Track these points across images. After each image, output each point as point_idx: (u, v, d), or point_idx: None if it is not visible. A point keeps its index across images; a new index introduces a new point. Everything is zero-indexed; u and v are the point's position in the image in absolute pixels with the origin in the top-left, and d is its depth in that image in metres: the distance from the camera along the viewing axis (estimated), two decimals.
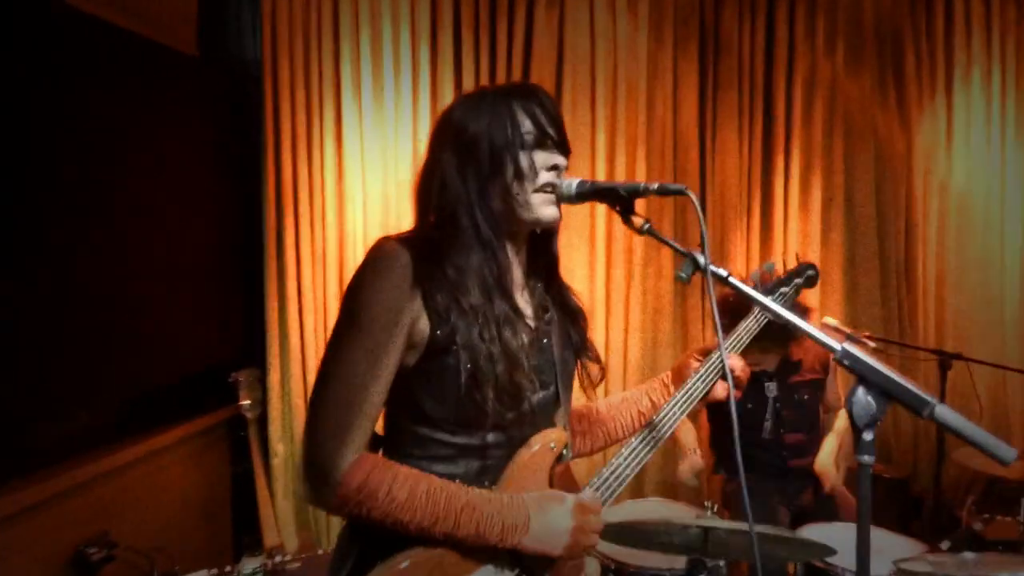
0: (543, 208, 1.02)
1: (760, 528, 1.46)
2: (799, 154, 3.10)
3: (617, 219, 1.04)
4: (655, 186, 0.97)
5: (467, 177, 1.01)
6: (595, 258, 2.98)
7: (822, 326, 2.42)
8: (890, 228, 3.22)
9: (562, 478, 1.11)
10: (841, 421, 2.46)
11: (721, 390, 1.21)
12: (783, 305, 1.34)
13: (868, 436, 0.81)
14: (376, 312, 0.96)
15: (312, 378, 2.70)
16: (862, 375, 0.82)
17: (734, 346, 1.29)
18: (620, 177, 2.97)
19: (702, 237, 0.94)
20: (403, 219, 2.81)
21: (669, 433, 1.16)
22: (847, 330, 2.41)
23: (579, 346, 1.17)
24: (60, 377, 1.91)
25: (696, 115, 3.04)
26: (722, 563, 1.69)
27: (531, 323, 1.08)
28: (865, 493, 0.85)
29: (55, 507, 1.84)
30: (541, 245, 1.13)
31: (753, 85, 3.07)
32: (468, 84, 2.86)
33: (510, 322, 1.02)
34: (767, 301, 0.94)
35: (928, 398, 0.79)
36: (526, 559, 1.02)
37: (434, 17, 2.84)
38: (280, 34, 2.72)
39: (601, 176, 2.95)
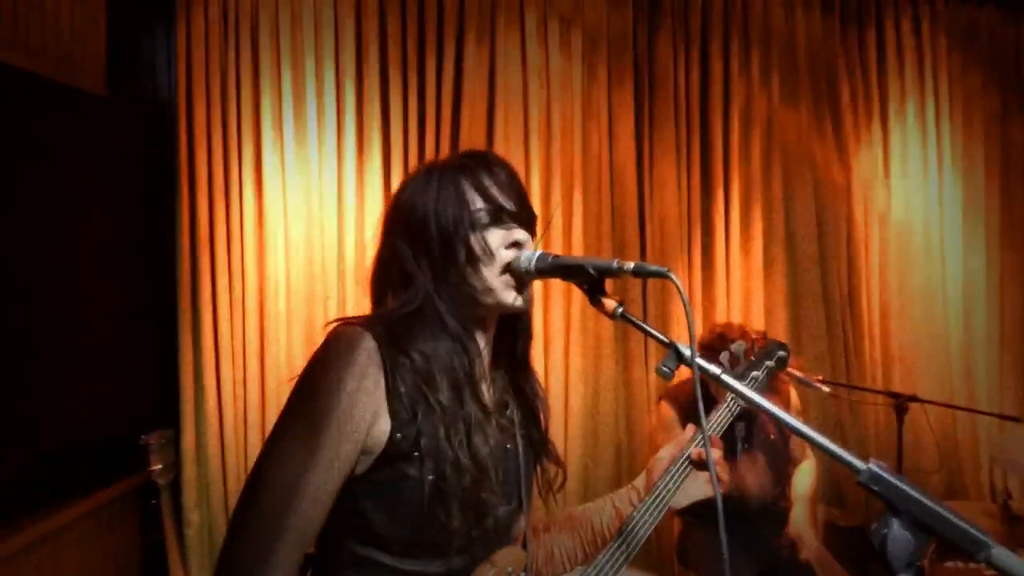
0: (506, 293, 0.92)
1: None
2: (739, 188, 3.06)
3: (588, 314, 0.91)
4: (630, 266, 0.84)
5: (422, 265, 0.92)
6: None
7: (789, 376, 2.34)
8: (832, 261, 3.19)
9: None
10: (807, 477, 2.36)
11: (702, 490, 1.12)
12: (756, 390, 1.24)
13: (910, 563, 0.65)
14: (327, 407, 0.82)
15: (231, 438, 2.54)
16: (893, 505, 0.67)
17: (714, 430, 1.21)
18: (556, 222, 2.89)
19: (690, 326, 0.84)
20: (327, 266, 2.68)
21: (642, 540, 1.04)
22: (799, 374, 2.34)
23: (538, 446, 1.05)
24: None
25: (633, 151, 2.98)
26: None
27: (496, 420, 0.96)
28: None
29: None
30: (510, 326, 1.01)
31: (689, 119, 3.03)
32: (396, 124, 2.76)
33: (480, 426, 0.90)
34: (758, 398, 0.81)
35: (984, 538, 0.64)
36: None
37: (359, 55, 2.74)
38: (195, 72, 2.60)
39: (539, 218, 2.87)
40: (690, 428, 1.19)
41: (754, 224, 3.08)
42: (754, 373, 1.31)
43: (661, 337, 0.86)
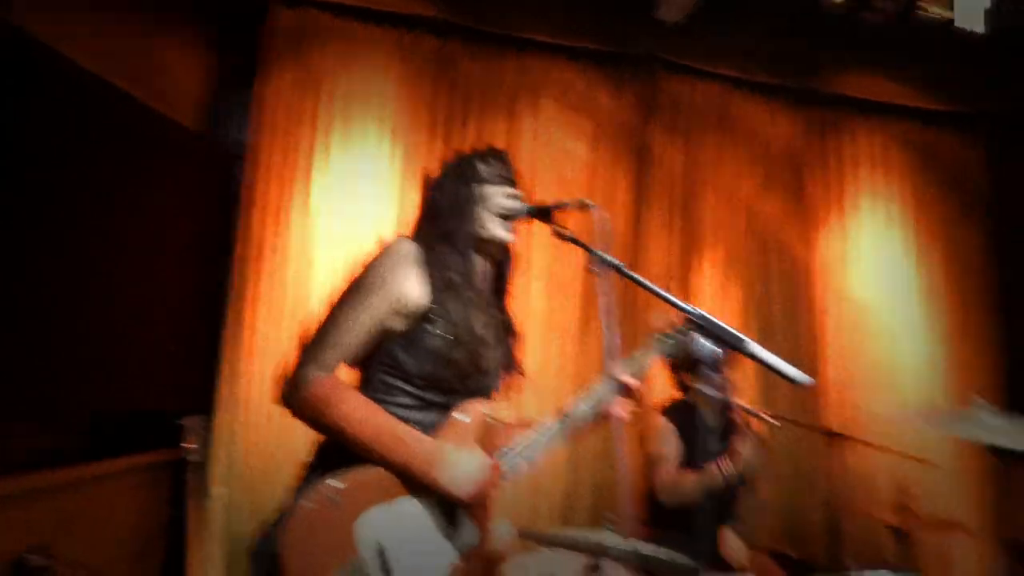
0: (498, 229, 1.42)
1: (641, 547, 1.73)
2: (717, 262, 3.50)
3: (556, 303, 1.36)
4: (570, 201, 1.40)
5: (445, 203, 1.42)
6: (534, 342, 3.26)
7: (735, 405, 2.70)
8: (800, 331, 3.57)
9: (486, 440, 1.37)
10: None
11: (618, 406, 1.46)
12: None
13: (707, 371, 1.17)
14: (371, 281, 1.29)
15: (258, 424, 2.89)
16: (703, 329, 1.19)
17: (640, 367, 1.53)
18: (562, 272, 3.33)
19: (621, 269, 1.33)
20: None
21: (580, 426, 1.43)
22: (749, 407, 2.70)
23: (511, 359, 1.50)
24: (28, 394, 2.10)
25: (628, 219, 3.46)
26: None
27: (492, 322, 1.41)
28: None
29: (6, 511, 1.97)
30: (499, 271, 1.51)
31: (675, 200, 3.50)
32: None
33: (481, 309, 1.37)
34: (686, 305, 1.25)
35: (742, 336, 1.14)
36: (446, 499, 1.27)
37: (400, 120, 3.27)
38: (265, 119, 3.13)
39: (546, 272, 3.31)
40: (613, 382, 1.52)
41: (730, 295, 3.50)
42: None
43: (602, 254, 1.35)
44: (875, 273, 3.70)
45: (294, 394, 1.24)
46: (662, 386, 3.17)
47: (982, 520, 3.58)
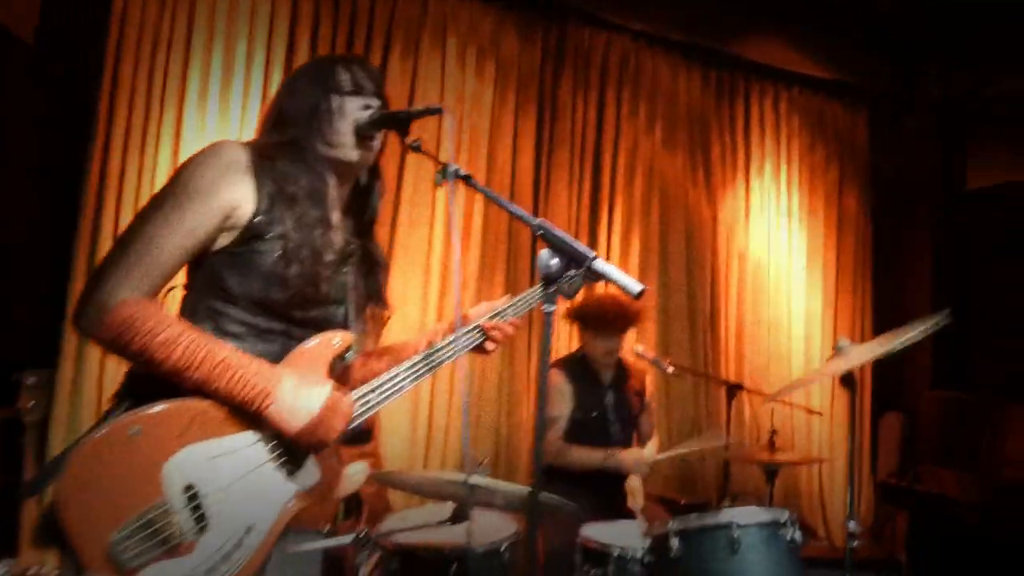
0: (350, 151, 1.21)
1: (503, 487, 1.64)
2: (621, 215, 3.50)
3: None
4: (419, 109, 1.22)
5: (294, 110, 1.22)
6: (429, 286, 3.12)
7: (634, 354, 2.68)
8: (698, 288, 3.65)
9: (340, 377, 1.22)
10: (652, 449, 2.64)
11: (487, 344, 1.36)
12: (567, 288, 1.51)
13: (551, 288, 1.06)
14: (191, 187, 1.08)
15: (110, 379, 2.55)
16: (551, 242, 1.07)
17: (516, 310, 1.41)
18: (460, 224, 3.18)
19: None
20: None
21: (436, 367, 1.28)
22: (652, 355, 2.70)
23: (376, 292, 1.34)
24: None
25: (532, 167, 3.37)
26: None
27: (340, 245, 1.23)
28: (546, 339, 1.08)
29: None
30: (363, 198, 1.32)
31: (584, 149, 3.48)
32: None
33: (321, 225, 1.17)
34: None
35: (588, 252, 1.05)
36: (285, 439, 1.10)
37: (290, 48, 2.99)
38: (128, 36, 2.74)
39: (440, 214, 3.16)
40: (504, 299, 1.42)
41: (632, 247, 3.51)
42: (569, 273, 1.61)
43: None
44: (768, 234, 3.83)
45: (95, 319, 1.03)
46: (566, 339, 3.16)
47: (860, 462, 3.85)
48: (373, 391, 1.22)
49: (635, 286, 1.04)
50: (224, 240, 1.11)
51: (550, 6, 3.40)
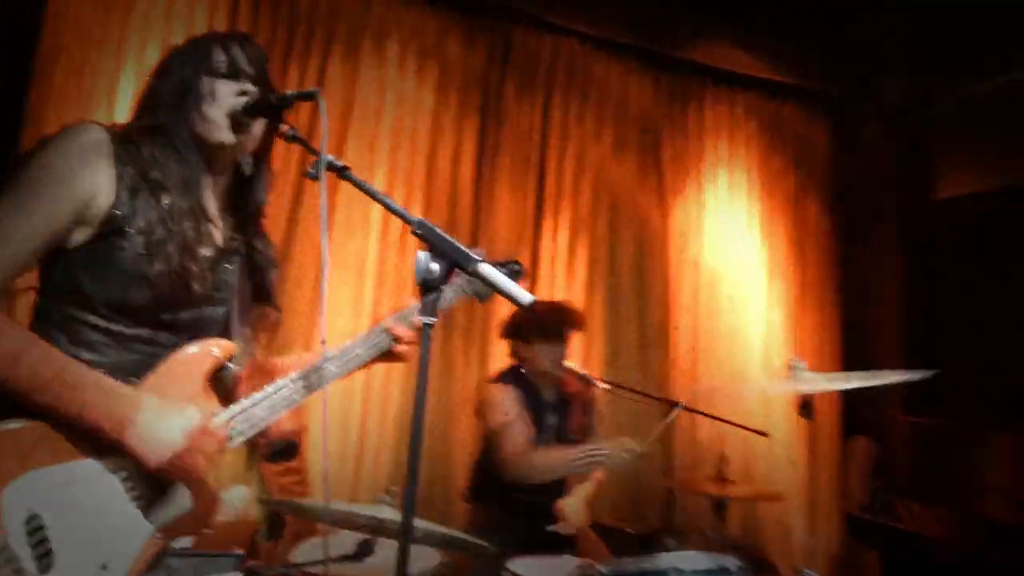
0: (223, 132, 1.11)
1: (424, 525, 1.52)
2: (567, 221, 3.41)
3: (388, 255, 1.08)
4: (293, 93, 1.11)
5: (165, 92, 1.13)
6: (363, 293, 3.04)
7: (565, 370, 2.56)
8: (650, 295, 3.54)
9: (228, 390, 1.15)
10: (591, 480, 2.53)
11: (401, 350, 1.27)
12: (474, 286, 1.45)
13: (431, 296, 0.96)
14: (42, 176, 0.98)
15: None
16: (433, 246, 0.96)
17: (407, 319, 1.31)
18: (393, 225, 3.11)
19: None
20: None
21: (325, 383, 1.18)
22: (582, 371, 2.57)
23: (266, 292, 1.25)
24: None
25: (473, 174, 3.30)
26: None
27: (218, 240, 1.15)
28: (424, 352, 0.97)
29: None
30: (247, 188, 1.22)
31: (528, 155, 3.41)
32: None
33: (193, 216, 1.07)
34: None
35: (475, 256, 0.96)
36: (146, 469, 0.99)
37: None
38: (62, 34, 2.71)
39: (377, 217, 3.10)
40: (407, 309, 1.30)
41: (578, 256, 3.42)
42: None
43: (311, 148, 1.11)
44: (724, 243, 3.72)
45: None
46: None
47: (826, 492, 3.66)
48: (256, 405, 1.12)
49: (524, 296, 0.95)
50: (80, 236, 1.01)
51: (496, 10, 3.36)
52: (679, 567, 1.48)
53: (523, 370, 2.48)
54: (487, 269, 0.96)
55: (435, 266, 0.94)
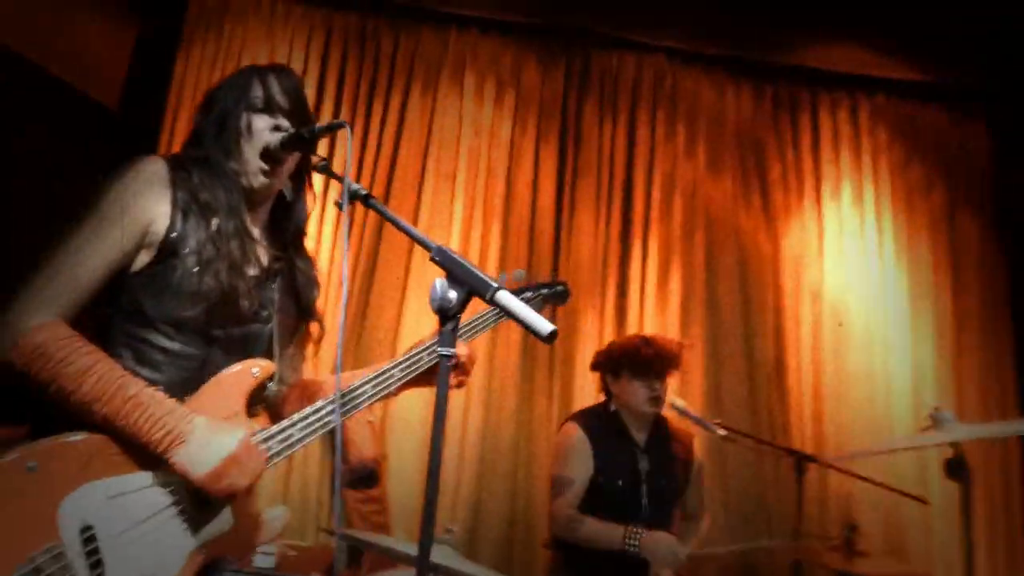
0: (253, 177, 1.18)
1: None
2: (657, 246, 3.11)
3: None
4: (322, 126, 1.15)
5: (208, 125, 1.21)
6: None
7: (669, 406, 2.27)
8: (759, 331, 3.09)
9: (273, 409, 1.21)
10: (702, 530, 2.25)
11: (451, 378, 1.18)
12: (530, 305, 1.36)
13: (448, 326, 0.89)
14: (110, 206, 1.07)
15: None
16: (451, 273, 0.91)
17: (465, 334, 1.32)
18: (473, 251, 3.04)
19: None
20: None
21: (356, 409, 1.17)
22: (694, 413, 2.27)
23: (307, 308, 1.30)
24: None
25: (554, 200, 3.14)
26: None
27: (263, 261, 1.21)
28: (443, 386, 0.88)
29: None
30: (286, 213, 1.29)
31: (612, 176, 3.19)
32: (338, 166, 3.08)
33: (239, 237, 1.14)
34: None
35: (492, 283, 0.89)
36: (191, 485, 1.02)
37: (320, 89, 3.11)
38: (184, 96, 3.07)
39: (456, 246, 3.04)
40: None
41: (671, 283, 3.08)
42: (526, 294, 1.48)
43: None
44: (851, 269, 3.18)
45: (7, 342, 0.99)
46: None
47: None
48: (294, 425, 1.11)
49: (544, 326, 0.86)
50: (143, 259, 1.09)
51: (573, 34, 3.26)
52: None
53: (613, 407, 2.22)
54: (506, 298, 0.88)
55: (453, 294, 0.89)
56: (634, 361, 2.15)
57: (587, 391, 2.87)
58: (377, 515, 2.54)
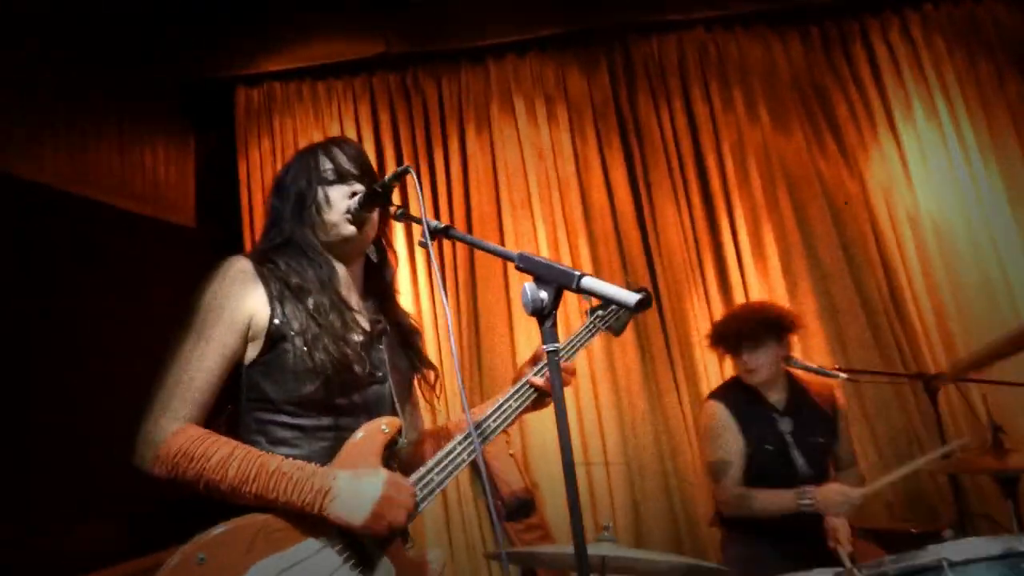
0: (342, 227, 1.25)
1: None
2: (743, 213, 3.13)
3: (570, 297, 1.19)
4: (390, 177, 1.21)
5: (285, 213, 1.28)
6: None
7: (789, 368, 2.32)
8: (865, 268, 3.09)
9: (407, 461, 1.25)
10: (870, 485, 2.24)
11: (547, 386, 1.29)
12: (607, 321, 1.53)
13: (547, 324, 0.97)
14: (208, 309, 1.15)
15: None
16: (537, 275, 0.99)
17: (566, 353, 1.40)
18: (569, 263, 3.11)
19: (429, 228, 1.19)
20: None
21: (493, 436, 1.26)
22: (812, 364, 2.31)
23: (415, 358, 1.36)
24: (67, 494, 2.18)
25: (631, 198, 3.19)
26: None
27: (365, 326, 1.26)
28: (556, 380, 0.96)
29: None
30: (376, 273, 1.36)
31: (682, 160, 3.21)
32: (414, 209, 3.21)
33: (336, 309, 1.20)
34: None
35: (574, 272, 0.97)
36: (354, 536, 1.10)
37: (379, 150, 3.22)
38: (255, 196, 3.22)
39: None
40: (539, 350, 1.32)
41: (766, 247, 3.11)
42: (600, 312, 1.54)
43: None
44: (941, 185, 3.14)
45: (149, 457, 1.09)
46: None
47: None
48: (431, 470, 1.19)
49: (629, 297, 0.93)
50: (253, 351, 1.17)
51: (607, 31, 3.28)
52: (950, 558, 1.30)
53: (740, 379, 2.30)
54: (590, 282, 0.95)
55: (543, 294, 0.96)
56: (744, 334, 2.20)
57: (712, 371, 2.95)
58: (541, 541, 2.68)
